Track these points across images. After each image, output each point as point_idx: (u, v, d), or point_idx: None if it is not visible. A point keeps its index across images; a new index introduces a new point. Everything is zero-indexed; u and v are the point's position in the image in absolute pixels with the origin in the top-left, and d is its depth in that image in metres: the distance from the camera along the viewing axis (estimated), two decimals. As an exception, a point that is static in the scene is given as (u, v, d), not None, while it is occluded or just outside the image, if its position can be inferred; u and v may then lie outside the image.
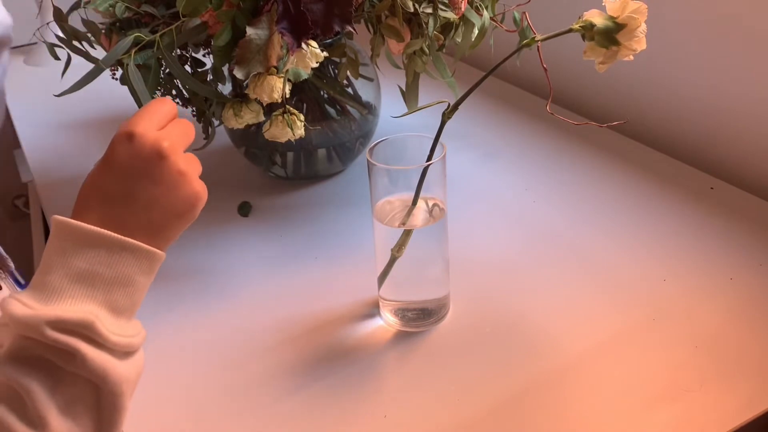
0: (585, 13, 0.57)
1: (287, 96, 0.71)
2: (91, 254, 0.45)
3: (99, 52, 0.77)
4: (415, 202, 0.65)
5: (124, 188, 0.48)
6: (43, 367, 0.43)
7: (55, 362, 0.43)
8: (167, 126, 0.50)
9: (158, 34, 0.70)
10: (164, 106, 0.51)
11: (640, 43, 0.56)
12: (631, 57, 0.56)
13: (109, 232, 0.45)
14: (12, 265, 0.64)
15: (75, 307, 0.43)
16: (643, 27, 0.55)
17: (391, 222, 0.66)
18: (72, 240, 0.45)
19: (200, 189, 0.50)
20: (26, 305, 0.43)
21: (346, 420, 0.61)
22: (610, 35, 0.56)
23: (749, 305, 0.70)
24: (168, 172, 0.48)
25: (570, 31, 0.57)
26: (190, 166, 0.50)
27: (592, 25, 0.56)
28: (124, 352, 0.45)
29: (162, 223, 0.48)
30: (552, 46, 0.59)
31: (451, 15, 0.77)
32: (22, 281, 0.62)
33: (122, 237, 0.45)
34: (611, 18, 0.56)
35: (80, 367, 0.43)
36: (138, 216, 0.47)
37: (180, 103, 0.84)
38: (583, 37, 0.57)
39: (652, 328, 0.68)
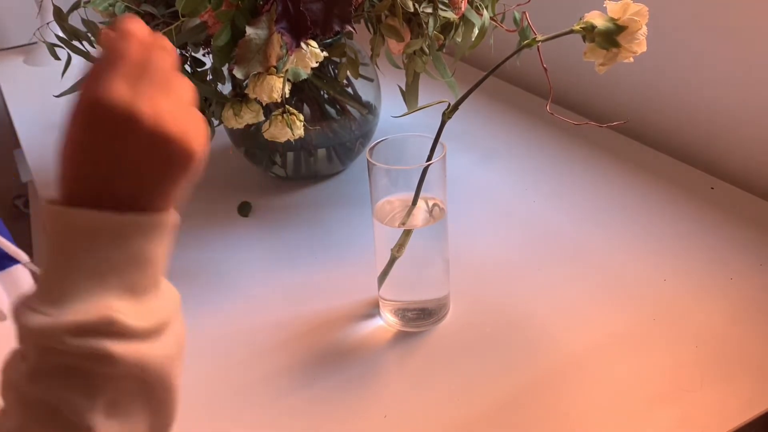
0: (586, 14, 0.57)
1: (287, 96, 0.71)
2: (95, 243, 0.39)
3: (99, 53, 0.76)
4: (415, 202, 0.65)
5: (107, 160, 0.40)
6: (77, 375, 0.39)
7: (86, 369, 0.39)
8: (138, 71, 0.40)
9: (158, 34, 0.70)
10: (107, 42, 0.41)
11: (641, 46, 0.56)
12: (631, 59, 0.56)
13: (105, 215, 0.39)
14: (26, 257, 0.61)
15: (91, 304, 0.39)
16: (644, 29, 0.55)
17: (391, 222, 0.66)
18: (67, 232, 0.40)
19: (196, 133, 0.41)
20: (39, 312, 0.39)
21: (346, 420, 0.61)
22: (611, 37, 0.55)
23: (750, 305, 0.70)
24: (146, 133, 0.39)
25: (571, 32, 0.57)
26: (167, 109, 0.40)
27: (592, 27, 0.56)
28: (156, 333, 0.41)
29: (150, 188, 0.41)
30: (552, 47, 0.59)
31: (451, 15, 0.77)
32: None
33: (119, 216, 0.39)
34: (612, 20, 0.56)
35: (112, 367, 0.39)
36: (126, 181, 0.40)
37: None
38: (584, 38, 0.57)
39: (652, 328, 0.68)
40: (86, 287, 0.39)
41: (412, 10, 0.74)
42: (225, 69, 0.75)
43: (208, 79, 0.79)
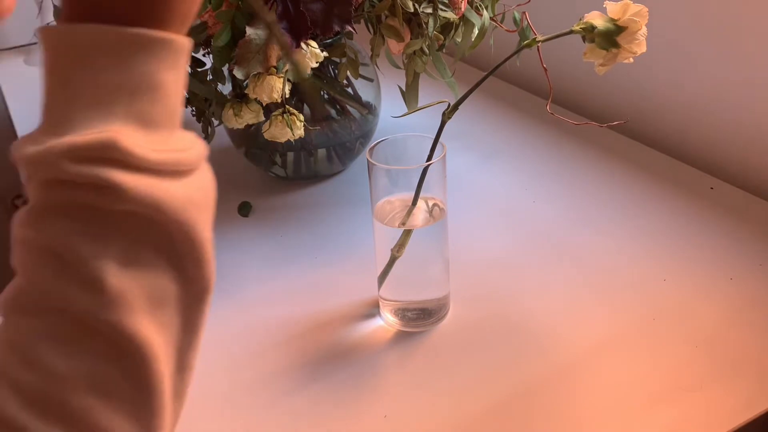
0: (586, 14, 0.57)
1: (287, 96, 0.71)
2: (95, 63, 0.34)
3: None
4: (415, 202, 0.65)
5: None
6: (81, 213, 0.33)
7: (92, 204, 0.33)
8: None
9: (158, 34, 0.70)
10: None
11: (641, 46, 0.56)
12: (631, 60, 0.56)
13: (109, 27, 0.34)
14: None
15: (90, 129, 0.33)
16: (644, 30, 0.55)
17: (391, 222, 0.66)
18: (67, 51, 0.34)
19: None
20: (37, 141, 0.33)
21: (346, 420, 0.61)
22: (611, 37, 0.55)
23: (749, 305, 0.70)
24: None
25: (571, 32, 0.57)
26: None
27: (592, 27, 0.56)
28: (174, 171, 0.34)
29: None
30: (552, 47, 0.59)
31: (451, 15, 0.77)
32: None
33: (126, 28, 0.34)
34: (612, 20, 0.56)
35: (123, 201, 0.33)
36: None
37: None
38: (584, 38, 0.57)
39: (652, 328, 0.68)
40: (87, 114, 0.33)
41: (412, 10, 0.74)
42: (225, 69, 0.75)
43: (208, 79, 0.79)
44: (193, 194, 0.35)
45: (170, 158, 0.34)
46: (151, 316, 0.34)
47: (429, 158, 0.63)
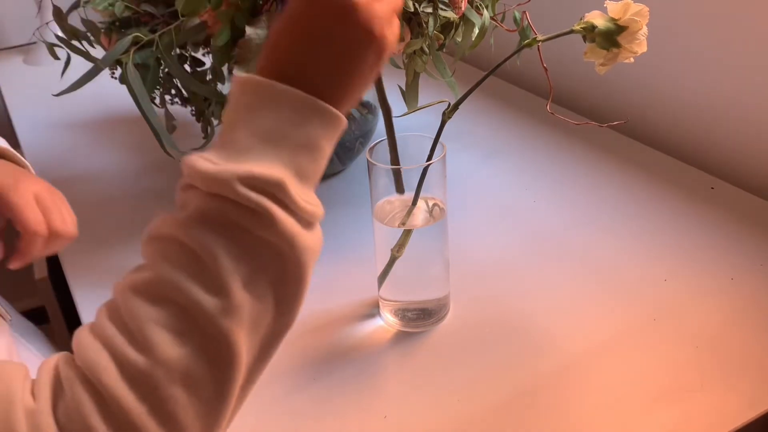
0: (587, 14, 0.56)
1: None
2: (279, 113, 0.41)
3: (98, 52, 0.77)
4: (415, 202, 0.65)
5: (311, 45, 0.43)
6: (232, 231, 0.40)
7: (244, 226, 0.39)
8: None
9: (157, 34, 0.70)
10: None
11: (641, 46, 0.55)
12: (632, 59, 0.56)
13: (299, 91, 0.41)
14: (10, 316, 0.61)
15: (265, 163, 0.40)
16: (645, 30, 0.55)
17: (391, 222, 0.66)
18: (259, 97, 0.42)
19: (390, 35, 0.45)
20: (214, 162, 0.40)
21: (346, 420, 0.61)
22: (611, 37, 0.55)
23: (750, 305, 0.70)
24: (353, 21, 0.42)
25: (571, 32, 0.57)
26: (381, 9, 0.43)
27: (593, 27, 0.56)
28: (308, 221, 0.42)
29: (345, 81, 0.44)
30: (552, 46, 0.59)
31: (451, 15, 0.77)
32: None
33: (311, 96, 0.42)
34: (613, 20, 0.55)
35: (269, 230, 0.40)
36: (323, 76, 0.43)
37: (179, 103, 0.84)
38: (584, 38, 0.57)
39: (652, 328, 0.68)
40: (261, 150, 0.40)
41: (412, 10, 0.74)
42: (225, 69, 0.75)
43: (208, 79, 0.79)
44: (315, 244, 0.42)
45: (311, 210, 0.42)
46: (248, 335, 0.40)
47: (429, 158, 0.63)
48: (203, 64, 0.80)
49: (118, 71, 0.75)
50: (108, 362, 0.38)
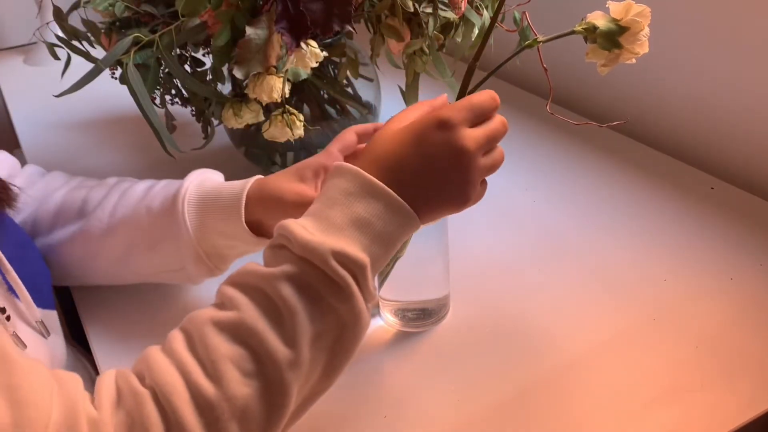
0: (588, 14, 0.56)
1: (287, 96, 0.71)
2: (372, 205, 0.47)
3: (99, 52, 0.76)
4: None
5: (418, 165, 0.49)
6: (312, 295, 0.45)
7: (325, 294, 0.45)
8: (483, 123, 0.52)
9: (158, 34, 0.70)
10: (487, 103, 0.53)
11: (643, 47, 0.55)
12: (634, 60, 0.56)
13: (393, 192, 0.48)
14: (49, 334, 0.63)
15: (354, 248, 0.46)
16: (646, 30, 0.55)
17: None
18: (359, 186, 0.47)
19: (477, 193, 0.52)
20: (310, 232, 0.45)
21: (346, 420, 0.61)
22: (613, 38, 0.55)
23: (750, 305, 0.70)
24: (461, 168, 0.50)
25: (572, 32, 0.57)
26: (481, 170, 0.51)
27: (594, 28, 0.56)
28: (370, 305, 0.48)
29: (432, 206, 0.50)
30: (552, 46, 0.59)
31: (451, 15, 0.77)
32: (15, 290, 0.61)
33: (401, 200, 0.48)
34: (614, 20, 0.55)
35: (345, 303, 0.45)
36: (418, 192, 0.49)
37: (179, 103, 0.84)
38: (586, 39, 0.57)
39: (652, 328, 0.68)
40: (351, 233, 0.46)
41: (412, 10, 0.74)
42: (225, 69, 0.75)
43: (208, 79, 0.79)
44: (368, 324, 0.48)
45: (374, 295, 0.48)
46: (300, 386, 0.45)
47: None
48: (203, 64, 0.80)
49: (119, 71, 0.75)
50: (182, 387, 0.42)
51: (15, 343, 0.55)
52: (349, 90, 0.91)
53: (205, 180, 0.68)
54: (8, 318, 0.56)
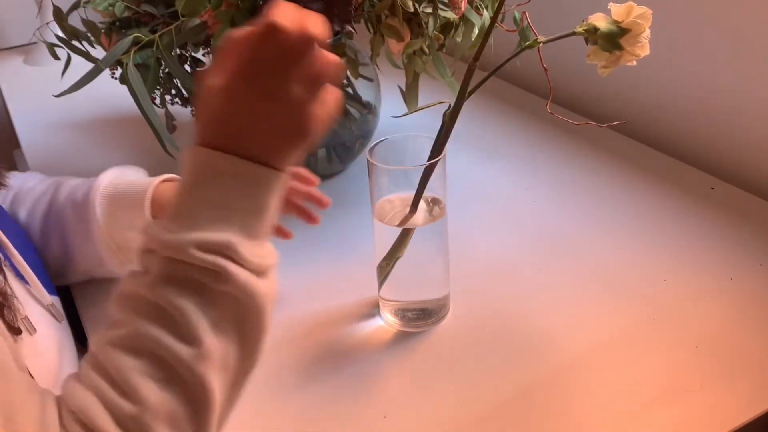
0: (590, 16, 0.56)
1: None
2: (223, 185, 0.46)
3: (99, 52, 0.77)
4: (415, 205, 0.65)
5: (243, 107, 0.46)
6: (193, 287, 0.44)
7: (204, 282, 0.44)
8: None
9: (158, 34, 0.70)
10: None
11: (644, 49, 0.55)
12: (635, 62, 0.56)
13: (249, 164, 0.46)
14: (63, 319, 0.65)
15: (216, 231, 0.45)
16: (647, 32, 0.55)
17: (391, 221, 0.66)
18: (206, 171, 0.46)
19: (317, 108, 0.47)
20: (170, 230, 0.45)
21: (346, 420, 0.61)
22: (614, 39, 0.55)
23: (750, 305, 0.70)
24: (278, 85, 0.45)
25: (573, 34, 0.57)
26: (303, 79, 0.46)
27: (595, 29, 0.56)
28: (262, 272, 0.47)
29: (275, 142, 0.47)
30: (552, 46, 0.59)
31: (451, 15, 0.77)
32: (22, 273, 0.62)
33: (257, 167, 0.46)
34: (615, 22, 0.55)
35: (227, 284, 0.44)
36: (264, 139, 0.46)
37: (179, 103, 0.84)
38: (587, 40, 0.57)
39: (652, 328, 0.68)
40: (214, 219, 0.45)
41: (412, 10, 0.74)
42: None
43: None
44: (269, 290, 0.46)
45: (263, 263, 0.46)
46: (219, 375, 0.45)
47: (429, 158, 0.63)
48: (203, 64, 0.80)
49: (119, 71, 0.75)
50: (101, 409, 0.42)
51: (26, 327, 0.57)
52: (349, 90, 0.91)
53: (122, 174, 0.73)
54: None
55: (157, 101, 0.82)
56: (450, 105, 0.62)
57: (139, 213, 0.68)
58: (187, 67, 0.80)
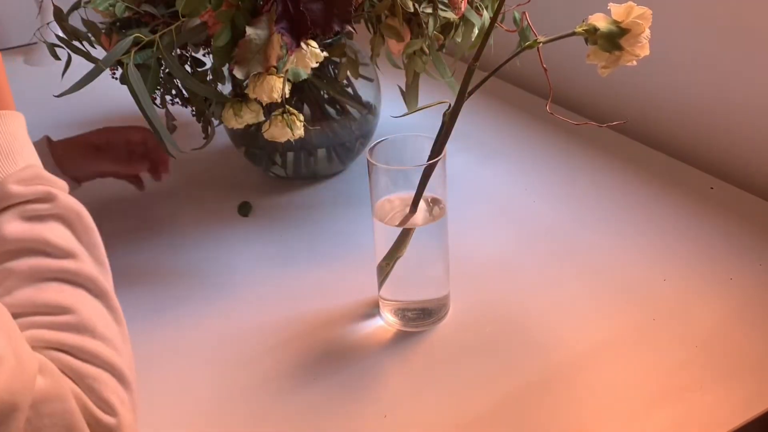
0: (590, 16, 0.56)
1: (287, 96, 0.71)
2: None
3: (99, 52, 0.77)
4: (415, 205, 0.65)
5: None
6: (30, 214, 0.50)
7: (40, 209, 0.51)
8: None
9: (158, 34, 0.70)
10: None
11: (644, 49, 0.55)
12: (634, 62, 0.56)
13: None
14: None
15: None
16: (647, 33, 0.55)
17: (391, 221, 0.66)
18: None
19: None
20: None
21: (346, 420, 0.61)
22: (614, 40, 0.55)
23: (749, 305, 0.70)
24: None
25: (573, 34, 0.57)
26: None
27: (595, 29, 0.56)
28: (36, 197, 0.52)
29: None
30: (552, 46, 0.59)
31: (451, 15, 0.77)
32: None
33: None
34: (615, 22, 0.55)
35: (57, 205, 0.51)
36: None
37: (180, 103, 0.84)
38: (587, 40, 0.57)
39: (652, 328, 0.68)
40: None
41: (412, 10, 0.74)
42: (225, 69, 0.75)
43: (208, 79, 0.79)
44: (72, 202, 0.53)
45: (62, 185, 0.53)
46: (96, 268, 0.51)
47: (429, 158, 0.63)
48: (204, 64, 0.80)
49: (119, 71, 0.75)
50: (50, 334, 0.45)
51: None
52: (349, 90, 0.91)
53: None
54: None
55: (158, 101, 0.82)
56: (450, 105, 0.62)
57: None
58: (188, 68, 0.80)
